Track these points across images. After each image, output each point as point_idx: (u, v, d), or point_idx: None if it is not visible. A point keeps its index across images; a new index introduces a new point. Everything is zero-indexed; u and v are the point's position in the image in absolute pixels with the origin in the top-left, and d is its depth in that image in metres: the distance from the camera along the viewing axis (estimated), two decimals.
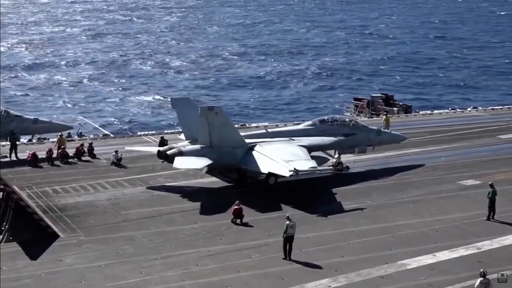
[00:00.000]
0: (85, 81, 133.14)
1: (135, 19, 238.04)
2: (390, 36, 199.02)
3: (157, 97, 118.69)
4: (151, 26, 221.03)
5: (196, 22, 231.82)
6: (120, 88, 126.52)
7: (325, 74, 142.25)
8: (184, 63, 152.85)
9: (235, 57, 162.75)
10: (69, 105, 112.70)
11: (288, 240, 33.46)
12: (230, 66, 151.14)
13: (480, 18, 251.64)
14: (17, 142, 55.22)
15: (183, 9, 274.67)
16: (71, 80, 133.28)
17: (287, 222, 33.47)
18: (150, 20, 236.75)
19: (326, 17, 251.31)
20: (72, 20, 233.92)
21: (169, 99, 61.69)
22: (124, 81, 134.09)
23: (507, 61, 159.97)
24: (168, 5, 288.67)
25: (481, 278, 28.24)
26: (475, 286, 28.33)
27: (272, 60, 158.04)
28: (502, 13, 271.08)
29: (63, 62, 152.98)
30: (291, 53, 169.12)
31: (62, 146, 53.40)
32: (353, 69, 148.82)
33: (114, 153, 51.91)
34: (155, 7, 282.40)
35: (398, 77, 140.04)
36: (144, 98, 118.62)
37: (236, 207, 38.82)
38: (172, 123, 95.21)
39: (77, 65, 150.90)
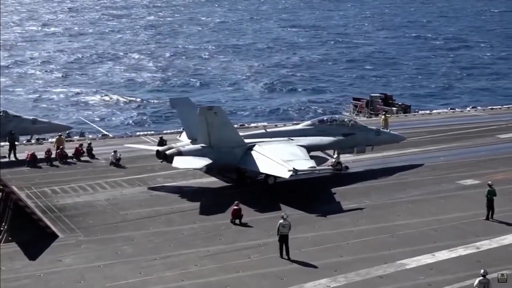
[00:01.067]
0: (58, 81, 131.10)
1: (121, 19, 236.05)
2: (380, 35, 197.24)
3: (134, 98, 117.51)
4: (134, 25, 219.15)
5: (181, 22, 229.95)
6: (94, 88, 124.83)
7: (307, 74, 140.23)
8: (159, 64, 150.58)
9: (216, 56, 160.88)
10: (44, 105, 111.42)
11: (283, 239, 33.39)
12: (208, 65, 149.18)
13: (471, 17, 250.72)
14: (16, 143, 55.17)
15: (172, 8, 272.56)
16: (45, 80, 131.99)
17: (281, 221, 33.43)
18: (135, 19, 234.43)
19: (316, 15, 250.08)
20: (59, 19, 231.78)
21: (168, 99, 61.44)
22: (100, 80, 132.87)
23: (491, 62, 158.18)
24: (158, 4, 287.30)
25: (481, 278, 28.21)
26: (474, 285, 28.34)
27: (253, 60, 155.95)
28: (496, 11, 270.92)
29: (39, 61, 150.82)
30: (270, 52, 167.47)
31: (61, 147, 53.36)
32: (333, 69, 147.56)
33: (113, 153, 51.88)
34: (143, 6, 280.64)
35: (378, 78, 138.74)
36: (115, 97, 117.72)
37: (235, 207, 38.82)
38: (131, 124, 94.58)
39: (50, 64, 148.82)
